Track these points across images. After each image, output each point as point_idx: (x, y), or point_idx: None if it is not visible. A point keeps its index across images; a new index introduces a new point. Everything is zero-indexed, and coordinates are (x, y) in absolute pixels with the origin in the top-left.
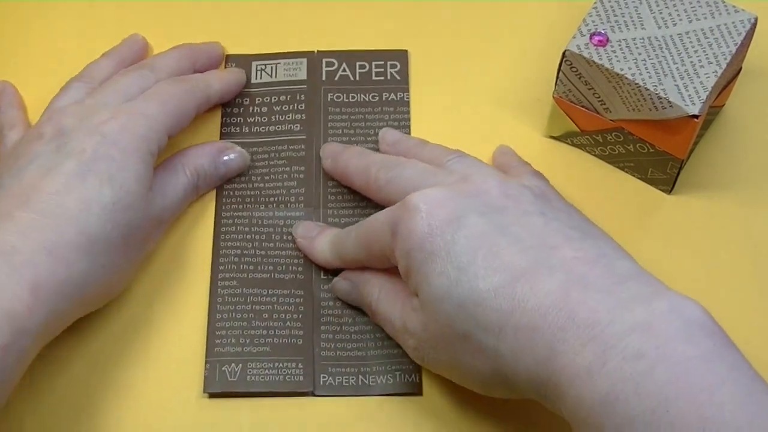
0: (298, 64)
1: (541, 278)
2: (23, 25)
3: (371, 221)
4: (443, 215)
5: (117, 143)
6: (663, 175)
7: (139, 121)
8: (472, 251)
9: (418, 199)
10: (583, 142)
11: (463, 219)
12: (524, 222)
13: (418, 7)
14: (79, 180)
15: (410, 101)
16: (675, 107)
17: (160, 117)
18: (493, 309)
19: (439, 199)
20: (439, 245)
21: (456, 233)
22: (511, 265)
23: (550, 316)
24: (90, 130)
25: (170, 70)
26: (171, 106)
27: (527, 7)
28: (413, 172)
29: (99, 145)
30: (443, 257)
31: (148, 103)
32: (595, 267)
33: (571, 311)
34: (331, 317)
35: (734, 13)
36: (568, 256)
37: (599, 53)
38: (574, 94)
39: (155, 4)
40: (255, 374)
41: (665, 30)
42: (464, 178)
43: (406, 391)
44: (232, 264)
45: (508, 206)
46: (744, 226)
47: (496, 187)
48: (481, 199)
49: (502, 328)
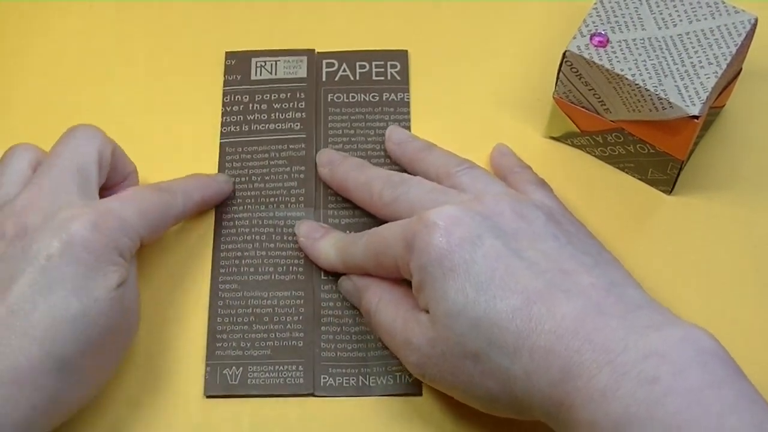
0: (298, 61)
1: (557, 301)
2: (23, 25)
3: (383, 233)
4: (461, 233)
5: (85, 245)
6: (663, 175)
7: (109, 220)
8: (490, 271)
9: (435, 215)
10: (583, 142)
11: (480, 239)
12: (538, 247)
13: (418, 7)
14: (45, 292)
15: (410, 101)
16: (675, 108)
17: (135, 221)
18: (510, 330)
19: (456, 216)
20: (458, 263)
21: (474, 252)
22: (528, 287)
23: (567, 339)
24: (55, 230)
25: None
26: (149, 215)
27: (527, 7)
28: (420, 192)
29: (66, 247)
30: (461, 275)
31: (124, 205)
32: (609, 295)
33: (587, 335)
34: (332, 318)
35: (734, 13)
36: (584, 282)
37: (599, 54)
38: (574, 94)
39: (155, 4)
40: (255, 377)
41: (665, 31)
42: (477, 197)
43: (406, 392)
44: (233, 266)
45: (521, 229)
46: (744, 227)
47: (508, 209)
48: (495, 221)
49: (517, 349)
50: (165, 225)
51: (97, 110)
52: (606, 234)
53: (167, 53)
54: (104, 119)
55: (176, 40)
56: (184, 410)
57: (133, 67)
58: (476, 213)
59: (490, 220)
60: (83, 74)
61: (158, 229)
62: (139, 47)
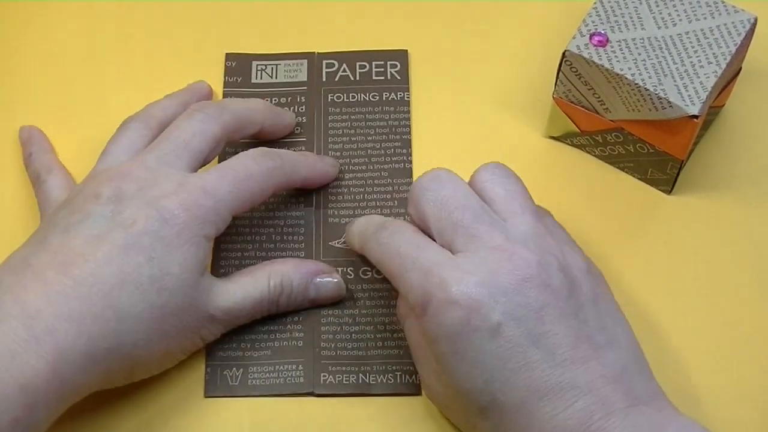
0: (299, 65)
1: (566, 400)
2: (23, 25)
3: (401, 270)
4: (479, 322)
5: (170, 222)
6: (663, 175)
7: (200, 200)
8: (502, 362)
9: (456, 290)
10: (583, 142)
11: (499, 329)
12: (558, 329)
13: (417, 7)
14: (122, 253)
15: (410, 101)
16: (675, 107)
17: (228, 198)
18: (513, 421)
19: (478, 300)
20: (467, 348)
21: (491, 343)
22: (539, 382)
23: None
24: (147, 202)
25: (239, 114)
26: (245, 186)
27: (527, 7)
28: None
29: (151, 220)
30: (469, 362)
31: (220, 181)
32: (618, 387)
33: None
34: (332, 317)
35: (734, 13)
36: (595, 374)
37: (599, 53)
38: (573, 94)
39: (155, 4)
40: (256, 378)
41: (665, 30)
42: (505, 248)
43: (406, 392)
44: (233, 267)
45: (548, 304)
46: (744, 227)
47: (535, 270)
48: (522, 295)
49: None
50: (263, 195)
51: (96, 110)
52: (605, 233)
53: (167, 54)
54: (104, 120)
55: (176, 42)
56: (184, 411)
57: (133, 68)
58: (499, 290)
59: (516, 297)
60: (83, 75)
61: (254, 200)
62: (138, 49)
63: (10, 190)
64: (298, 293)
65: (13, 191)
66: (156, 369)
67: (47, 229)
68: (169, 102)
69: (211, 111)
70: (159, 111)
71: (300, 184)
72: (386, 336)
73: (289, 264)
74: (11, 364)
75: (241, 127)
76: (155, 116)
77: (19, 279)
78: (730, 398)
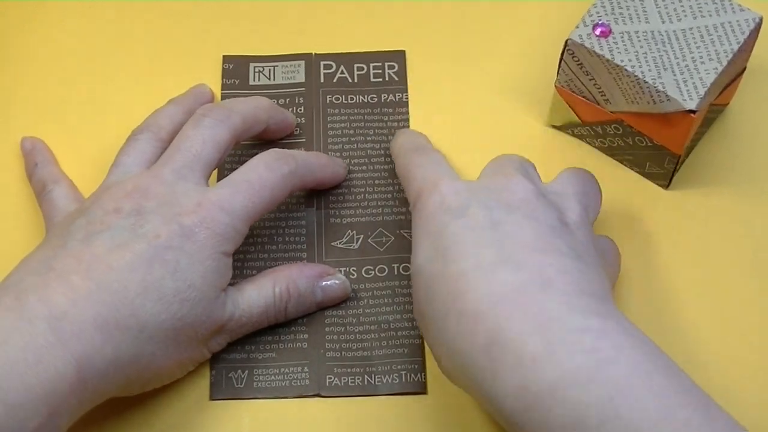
0: (296, 66)
1: (504, 270)
2: (23, 25)
3: (413, 170)
4: (452, 202)
5: (192, 237)
6: (660, 169)
7: (218, 217)
8: (456, 238)
9: (445, 186)
10: (583, 132)
11: (465, 209)
12: (525, 224)
13: (414, 7)
14: (146, 263)
15: (409, 101)
16: (672, 101)
17: (243, 212)
18: (444, 292)
19: (460, 190)
20: (435, 228)
21: (454, 221)
22: (483, 254)
23: (499, 305)
24: (168, 218)
25: (246, 115)
26: (260, 197)
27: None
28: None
29: (174, 235)
30: (432, 238)
31: (236, 196)
32: (565, 276)
33: (522, 305)
34: (336, 318)
35: (740, 11)
36: (545, 261)
37: (601, 44)
38: (575, 83)
39: (155, 5)
40: (261, 380)
41: (669, 25)
42: (508, 174)
43: (411, 391)
44: (235, 269)
45: (520, 208)
46: (741, 223)
47: (523, 191)
48: (501, 194)
49: (447, 312)
50: (278, 201)
51: (96, 111)
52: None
53: (164, 57)
54: (103, 120)
55: (176, 42)
56: (190, 414)
57: (130, 71)
58: (485, 187)
59: (496, 194)
60: (82, 75)
61: (270, 207)
62: (135, 51)
63: (9, 192)
64: (306, 298)
65: (12, 193)
66: (167, 379)
67: (64, 236)
68: (174, 109)
69: (218, 115)
70: (166, 120)
71: (312, 186)
72: (390, 335)
73: (293, 269)
74: (38, 368)
75: (248, 128)
76: (163, 126)
77: (42, 279)
78: (726, 393)
